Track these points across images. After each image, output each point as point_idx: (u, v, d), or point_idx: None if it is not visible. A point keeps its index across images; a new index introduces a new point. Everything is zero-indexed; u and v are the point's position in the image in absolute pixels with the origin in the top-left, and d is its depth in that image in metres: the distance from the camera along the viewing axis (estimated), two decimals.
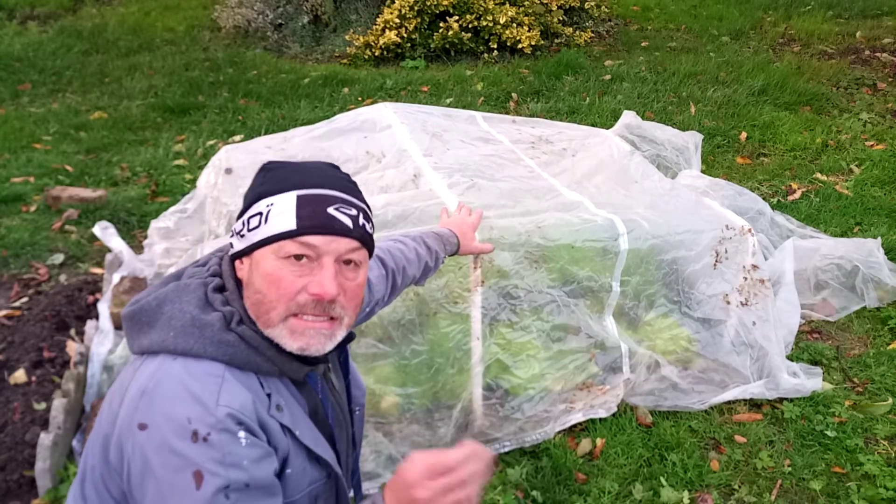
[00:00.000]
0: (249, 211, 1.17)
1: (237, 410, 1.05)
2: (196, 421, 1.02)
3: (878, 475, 2.35)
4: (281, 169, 1.19)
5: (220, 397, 1.05)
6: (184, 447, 1.01)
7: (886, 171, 4.26)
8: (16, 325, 2.84)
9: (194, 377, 1.07)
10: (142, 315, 1.14)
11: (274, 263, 1.13)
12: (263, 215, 1.14)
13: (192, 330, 1.10)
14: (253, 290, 1.15)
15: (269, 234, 1.13)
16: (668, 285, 2.64)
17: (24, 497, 2.22)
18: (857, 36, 6.55)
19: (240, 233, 1.17)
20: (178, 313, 1.12)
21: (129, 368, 1.15)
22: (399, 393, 2.35)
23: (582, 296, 2.51)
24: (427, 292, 2.33)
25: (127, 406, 1.07)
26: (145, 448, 1.02)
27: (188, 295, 1.14)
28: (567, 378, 2.51)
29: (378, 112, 3.09)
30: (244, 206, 1.19)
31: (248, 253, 1.16)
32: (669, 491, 2.30)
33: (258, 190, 1.17)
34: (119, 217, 3.70)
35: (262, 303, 1.14)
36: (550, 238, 2.43)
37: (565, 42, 6.35)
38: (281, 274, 1.12)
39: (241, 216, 1.19)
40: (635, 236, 2.51)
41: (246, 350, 1.11)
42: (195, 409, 1.03)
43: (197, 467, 1.00)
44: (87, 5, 7.49)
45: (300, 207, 1.13)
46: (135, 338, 1.15)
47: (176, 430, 1.02)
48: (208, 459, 1.01)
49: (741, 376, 2.66)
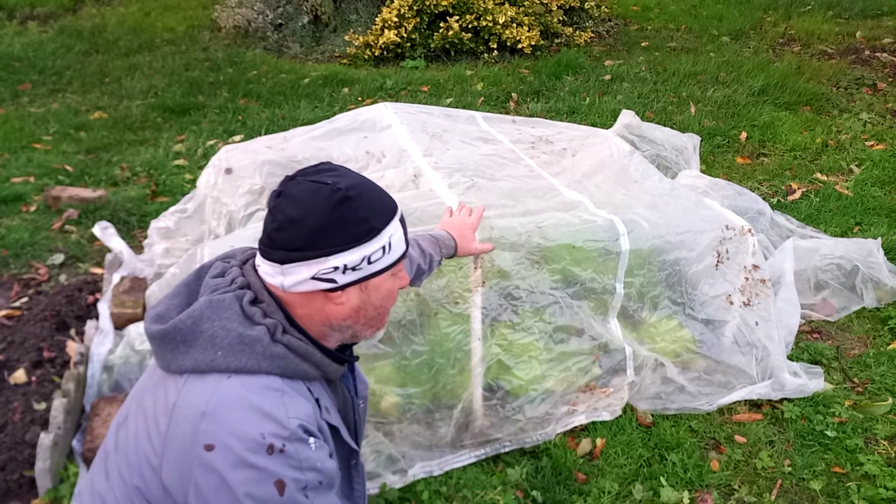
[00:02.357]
0: (369, 246, 1.18)
1: (305, 420, 1.11)
2: (270, 436, 1.06)
3: (878, 475, 2.35)
4: (366, 195, 1.20)
5: (288, 410, 1.09)
6: (262, 461, 1.05)
7: (886, 171, 4.26)
8: (16, 325, 2.83)
9: (256, 393, 1.09)
10: (176, 335, 1.14)
11: (391, 281, 1.26)
12: (387, 247, 1.21)
13: (242, 347, 1.11)
14: (372, 309, 1.24)
15: (393, 260, 1.23)
16: (671, 286, 2.64)
17: (24, 497, 2.22)
18: (857, 36, 6.55)
19: (354, 268, 1.18)
20: (221, 331, 1.12)
21: (167, 384, 1.14)
22: (399, 393, 2.35)
23: (585, 297, 2.51)
24: (427, 292, 2.33)
25: (182, 427, 1.07)
26: (219, 467, 1.04)
27: (225, 311, 1.14)
28: (569, 380, 2.51)
29: (378, 112, 3.08)
30: (350, 240, 1.17)
31: (358, 283, 1.21)
32: (669, 491, 2.30)
33: (371, 224, 1.18)
34: (119, 217, 3.70)
35: (381, 315, 1.27)
36: (551, 238, 2.43)
37: (565, 42, 6.35)
38: (395, 286, 1.28)
39: (341, 251, 1.16)
40: (636, 237, 2.51)
41: (294, 359, 1.15)
42: (267, 424, 1.07)
43: (278, 476, 1.05)
44: (87, 5, 7.48)
45: (404, 229, 1.27)
46: (170, 357, 1.14)
47: (251, 447, 1.05)
48: (287, 467, 1.06)
49: (747, 377, 2.66)
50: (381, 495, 2.24)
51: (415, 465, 2.33)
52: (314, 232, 1.14)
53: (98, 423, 2.36)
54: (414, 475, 2.32)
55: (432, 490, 2.28)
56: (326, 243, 1.15)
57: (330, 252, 1.15)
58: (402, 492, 2.27)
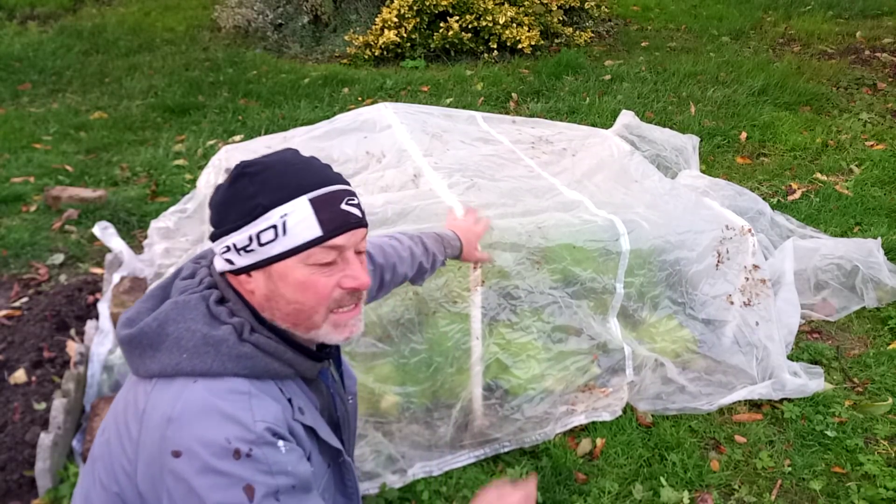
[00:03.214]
0: (255, 225, 1.10)
1: (272, 423, 1.06)
2: (236, 440, 1.02)
3: (878, 475, 2.35)
4: (267, 171, 1.12)
5: (254, 414, 1.05)
6: (228, 466, 1.01)
7: (886, 171, 4.26)
8: (16, 325, 2.83)
9: (221, 397, 1.06)
10: (143, 338, 1.11)
11: (304, 271, 1.12)
12: (279, 227, 1.09)
13: (207, 349, 1.08)
14: (284, 302, 1.13)
15: (293, 245, 1.10)
16: (671, 286, 2.64)
17: (24, 497, 2.22)
18: (857, 36, 6.55)
19: (245, 248, 1.11)
20: (186, 333, 1.09)
21: (137, 389, 1.11)
22: (398, 392, 2.35)
23: (584, 297, 2.51)
24: (426, 291, 2.33)
25: (152, 433, 1.05)
26: (185, 474, 1.01)
27: (190, 312, 1.11)
28: (568, 379, 2.50)
29: (378, 112, 3.09)
30: (238, 218, 1.11)
31: (260, 266, 1.12)
32: (669, 491, 2.30)
33: (256, 201, 1.10)
34: (119, 217, 3.70)
35: (302, 311, 1.14)
36: (551, 238, 2.43)
37: (565, 42, 6.35)
38: (315, 279, 1.13)
39: (233, 230, 1.11)
40: (636, 237, 2.51)
41: (263, 358, 1.11)
42: (233, 428, 1.03)
43: (246, 482, 1.01)
44: (87, 5, 7.49)
45: (318, 212, 1.11)
46: (139, 362, 1.11)
47: (216, 452, 1.01)
48: (256, 472, 1.02)
49: (747, 377, 2.66)
50: (381, 495, 2.24)
51: (414, 465, 2.33)
52: (217, 209, 1.14)
53: (98, 424, 2.36)
54: (413, 475, 2.32)
55: (432, 490, 2.27)
56: (224, 221, 1.12)
57: (226, 230, 1.12)
58: (402, 492, 2.27)
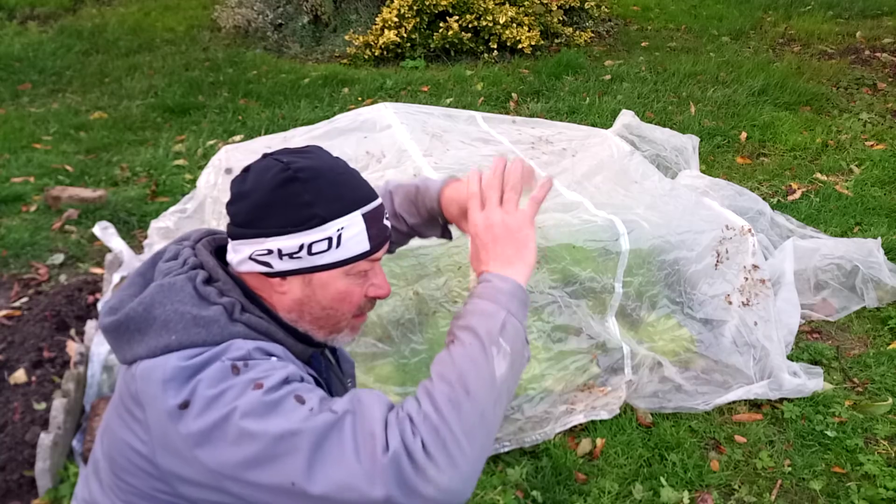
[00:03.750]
0: (308, 234, 1.07)
1: (266, 347, 1.06)
2: (231, 360, 1.01)
3: (878, 475, 2.35)
4: (320, 180, 1.09)
5: (246, 341, 1.05)
6: (232, 380, 0.98)
7: (886, 171, 4.26)
8: (16, 325, 2.83)
9: (211, 349, 1.03)
10: (129, 323, 1.07)
11: (345, 281, 1.13)
12: (333, 240, 1.08)
13: (197, 329, 1.05)
14: (319, 308, 1.13)
15: (344, 257, 1.10)
16: (670, 286, 2.64)
17: (24, 497, 2.22)
18: (857, 36, 6.55)
19: (292, 255, 1.08)
20: (174, 315, 1.05)
21: (125, 378, 1.08)
22: (399, 392, 2.35)
23: (584, 296, 2.51)
24: (426, 291, 2.34)
25: (153, 406, 1.01)
26: (199, 416, 0.97)
27: (177, 294, 1.07)
28: (568, 379, 2.51)
29: (378, 112, 3.09)
30: (288, 224, 1.07)
31: (300, 273, 1.11)
32: (669, 491, 2.30)
33: (313, 211, 1.07)
34: (119, 217, 3.70)
35: (332, 317, 1.15)
36: (551, 238, 2.43)
37: (565, 42, 6.35)
38: (351, 289, 1.14)
39: (278, 234, 1.08)
40: (636, 237, 2.51)
41: (256, 338, 1.09)
42: (226, 354, 1.02)
43: (253, 381, 0.98)
44: (87, 5, 7.48)
45: (369, 228, 1.11)
46: (125, 348, 1.07)
47: (217, 378, 0.98)
48: (258, 373, 1.00)
49: (744, 376, 2.66)
50: None
51: None
52: (256, 209, 1.09)
53: (98, 423, 2.36)
54: None
55: None
56: (265, 223, 1.08)
57: (268, 233, 1.08)
58: None
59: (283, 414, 0.96)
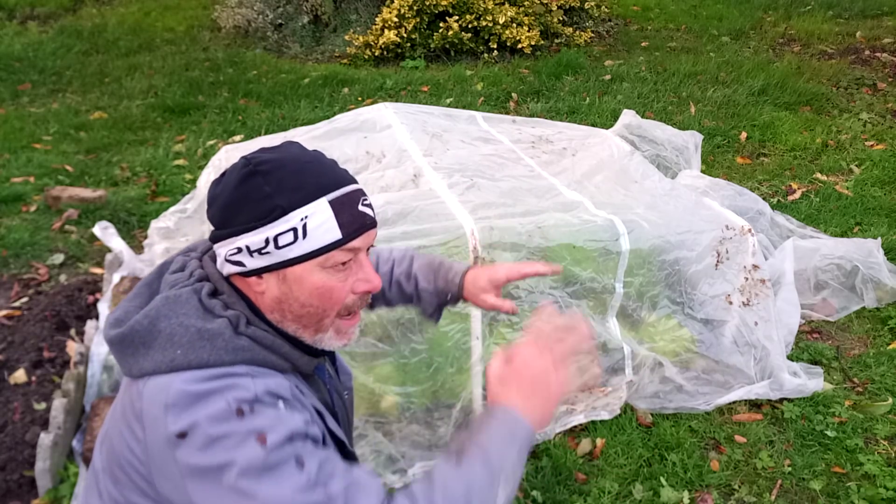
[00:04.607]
0: (272, 227, 1.05)
1: (274, 388, 1.03)
2: (236, 401, 0.99)
3: (878, 475, 2.35)
4: (282, 170, 1.08)
5: (255, 381, 1.02)
6: (236, 425, 0.97)
7: (886, 171, 4.26)
8: (16, 325, 2.83)
9: (217, 377, 1.02)
10: (134, 336, 1.06)
11: (321, 275, 1.09)
12: (298, 230, 1.05)
13: (202, 343, 1.04)
14: (298, 305, 1.10)
15: (313, 248, 1.07)
16: (670, 286, 2.64)
17: (24, 497, 2.22)
18: (857, 36, 6.55)
19: (260, 251, 1.06)
20: (179, 328, 1.04)
21: (131, 391, 1.07)
22: (399, 392, 2.35)
23: (584, 297, 2.51)
24: None
25: (153, 428, 1.00)
26: (197, 451, 0.97)
27: (182, 307, 1.07)
28: None
29: (378, 112, 3.09)
30: (252, 219, 1.06)
31: (274, 269, 1.08)
32: (669, 491, 2.30)
33: (274, 202, 1.05)
34: (119, 217, 3.70)
35: (314, 314, 1.11)
36: (551, 238, 2.43)
37: (565, 42, 6.35)
38: (331, 284, 1.10)
39: (245, 231, 1.07)
40: (636, 237, 2.51)
41: (261, 351, 1.08)
42: (232, 393, 0.99)
43: (257, 432, 0.97)
44: (87, 5, 7.49)
45: (338, 214, 1.08)
46: (131, 361, 1.06)
47: (221, 418, 0.97)
48: (264, 422, 0.98)
49: (745, 376, 2.66)
50: None
51: (414, 465, 2.33)
52: (225, 209, 1.08)
53: (98, 423, 2.36)
54: (414, 475, 2.32)
55: None
56: (233, 221, 1.07)
57: (236, 231, 1.07)
58: None
59: (279, 480, 0.96)
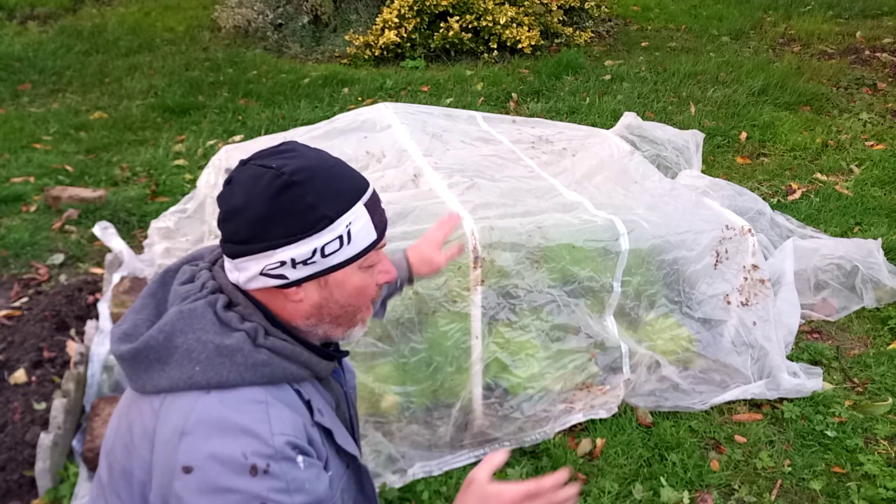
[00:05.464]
0: (319, 237, 1.04)
1: (292, 436, 1.02)
2: (253, 455, 0.97)
3: (878, 475, 2.35)
4: (316, 179, 1.06)
5: (272, 426, 1.00)
6: (242, 483, 0.96)
7: (886, 171, 4.26)
8: (16, 325, 2.84)
9: (237, 409, 1.00)
10: (149, 352, 1.04)
11: (360, 276, 1.12)
12: (344, 237, 1.06)
13: (221, 360, 1.02)
14: (337, 307, 1.12)
15: (356, 252, 1.08)
16: (668, 285, 2.64)
17: (24, 497, 2.22)
18: (857, 36, 6.55)
19: (305, 262, 1.05)
20: (197, 344, 1.03)
21: (142, 408, 1.06)
22: (398, 392, 2.35)
23: (582, 296, 2.51)
24: (426, 291, 2.33)
25: (163, 450, 1.00)
26: (195, 491, 0.97)
27: (198, 321, 1.05)
28: (567, 378, 2.51)
29: (378, 112, 3.09)
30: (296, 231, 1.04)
31: (315, 277, 1.08)
32: (669, 491, 2.30)
33: (320, 212, 1.04)
34: (119, 217, 3.70)
35: (350, 313, 1.14)
36: (551, 238, 2.43)
37: (565, 42, 6.35)
38: (366, 282, 1.14)
39: (287, 244, 1.04)
40: (636, 237, 2.51)
41: (281, 363, 1.07)
42: (250, 443, 0.98)
43: (261, 500, 0.97)
44: (87, 5, 7.49)
45: (372, 216, 1.10)
46: (144, 377, 1.05)
47: (232, 468, 0.96)
48: (272, 490, 0.97)
49: (742, 376, 2.66)
50: (381, 495, 2.24)
51: (414, 465, 2.33)
52: (257, 223, 1.03)
53: (98, 423, 2.36)
54: (413, 475, 2.32)
55: (432, 490, 2.28)
56: (270, 235, 1.04)
57: (275, 245, 1.04)
58: (402, 491, 2.27)
59: None
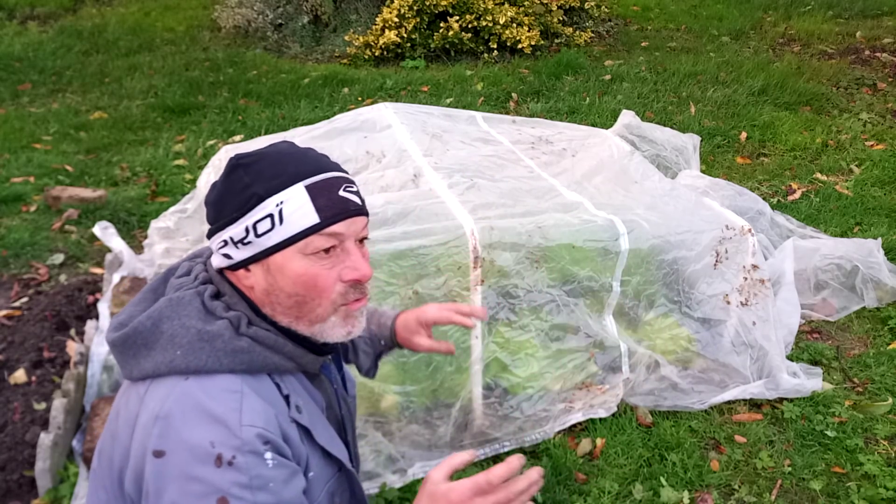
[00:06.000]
0: (251, 215, 1.07)
1: (263, 428, 1.01)
2: (220, 444, 0.97)
3: (878, 475, 2.35)
4: (262, 161, 1.09)
5: (242, 416, 1.00)
6: (207, 473, 0.96)
7: (886, 171, 4.26)
8: (16, 325, 2.84)
9: (212, 396, 1.01)
10: (137, 338, 1.07)
11: (303, 262, 1.08)
12: (275, 216, 1.06)
13: (201, 345, 1.04)
14: (284, 295, 1.10)
15: (290, 234, 1.06)
16: (668, 285, 2.64)
17: (24, 497, 2.22)
18: (857, 36, 6.55)
19: (242, 241, 1.08)
20: (181, 329, 1.05)
21: (130, 395, 1.08)
22: (398, 391, 2.35)
23: (582, 295, 2.51)
24: (426, 291, 2.33)
25: (139, 434, 1.01)
26: (163, 476, 0.98)
27: (185, 308, 1.08)
28: (566, 377, 2.51)
29: (378, 112, 3.09)
30: (234, 210, 1.08)
31: (258, 259, 1.09)
32: (669, 491, 2.30)
33: (252, 190, 1.07)
34: (119, 217, 3.70)
35: (304, 303, 1.10)
36: (551, 238, 2.43)
37: (565, 42, 6.35)
38: (314, 271, 1.09)
39: (229, 223, 1.08)
40: (635, 236, 2.51)
41: (262, 352, 1.08)
42: (218, 431, 0.98)
43: (222, 493, 0.96)
44: (87, 5, 7.49)
45: (315, 198, 1.07)
46: (132, 363, 1.07)
47: (198, 456, 0.96)
48: (234, 484, 0.97)
49: (741, 376, 2.66)
50: (381, 495, 2.24)
51: (414, 465, 2.33)
52: (214, 205, 1.11)
53: (98, 423, 2.36)
54: (413, 475, 2.32)
55: None
56: (221, 215, 1.09)
57: (222, 224, 1.09)
58: (402, 491, 2.27)
59: None
